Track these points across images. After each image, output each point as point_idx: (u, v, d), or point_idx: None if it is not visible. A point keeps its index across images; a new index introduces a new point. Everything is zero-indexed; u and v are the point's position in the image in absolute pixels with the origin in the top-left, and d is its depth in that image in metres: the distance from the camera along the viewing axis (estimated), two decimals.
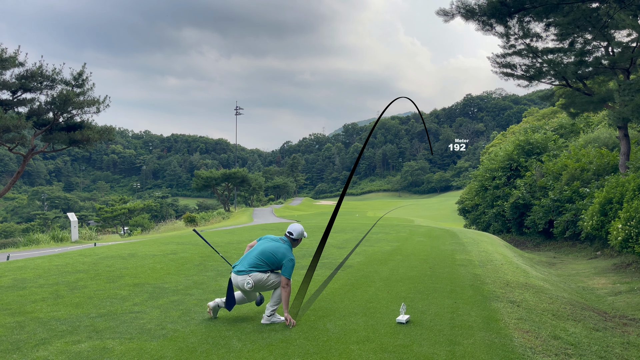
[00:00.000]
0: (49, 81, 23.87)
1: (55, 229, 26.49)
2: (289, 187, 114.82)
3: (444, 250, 12.07)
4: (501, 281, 8.23)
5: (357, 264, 9.69)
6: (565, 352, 4.86)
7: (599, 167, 19.76)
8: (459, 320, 5.59)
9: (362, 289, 7.19)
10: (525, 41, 18.49)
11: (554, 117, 53.25)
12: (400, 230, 17.42)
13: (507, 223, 25.81)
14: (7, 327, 5.20)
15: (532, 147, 27.41)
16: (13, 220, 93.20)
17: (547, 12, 12.83)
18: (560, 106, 28.40)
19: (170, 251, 11.55)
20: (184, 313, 5.80)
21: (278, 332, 5.08)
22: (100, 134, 25.81)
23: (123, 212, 62.09)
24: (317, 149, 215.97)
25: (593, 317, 7.07)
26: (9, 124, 21.61)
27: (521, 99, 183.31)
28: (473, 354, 4.48)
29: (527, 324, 5.63)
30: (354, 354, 4.43)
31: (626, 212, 12.54)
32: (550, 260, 15.84)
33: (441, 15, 13.29)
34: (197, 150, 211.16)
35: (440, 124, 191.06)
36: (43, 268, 9.08)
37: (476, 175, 31.44)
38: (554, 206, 20.25)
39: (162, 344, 4.64)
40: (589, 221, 15.42)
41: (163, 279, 7.99)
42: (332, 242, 13.55)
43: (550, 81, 20.80)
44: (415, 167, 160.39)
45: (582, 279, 11.78)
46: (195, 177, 69.79)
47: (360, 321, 5.48)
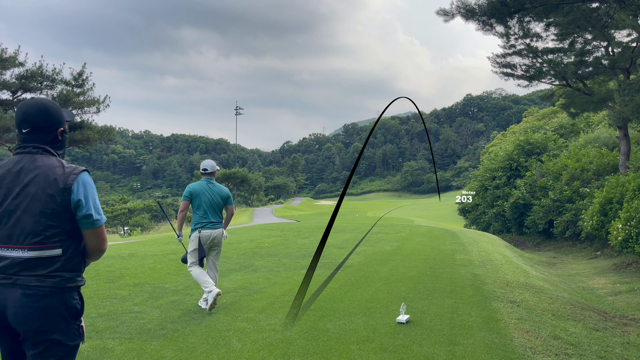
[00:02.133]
0: (49, 81, 23.85)
1: None
2: (289, 187, 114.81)
3: (444, 250, 12.07)
4: (501, 281, 8.23)
5: (357, 264, 9.69)
6: (565, 352, 4.86)
7: (599, 167, 19.76)
8: (459, 320, 5.59)
9: (362, 289, 7.19)
10: (525, 41, 18.49)
11: (554, 117, 53.24)
12: (400, 230, 17.43)
13: (507, 223, 25.80)
14: None
15: (532, 147, 27.41)
16: None
17: (547, 12, 12.84)
18: (560, 106, 28.41)
19: (170, 251, 11.55)
20: (184, 313, 5.80)
21: (278, 332, 5.08)
22: (100, 134, 25.79)
23: (123, 212, 62.11)
24: (317, 149, 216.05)
25: (593, 317, 7.07)
26: (9, 124, 21.60)
27: (521, 99, 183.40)
28: (473, 354, 4.48)
29: (527, 324, 5.63)
30: (354, 354, 4.43)
31: (626, 212, 12.54)
32: (550, 260, 15.84)
33: (441, 15, 13.29)
34: (197, 150, 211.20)
35: (440, 124, 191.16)
36: None
37: (476, 175, 31.45)
38: (554, 206, 20.25)
39: (162, 344, 4.64)
40: (589, 221, 15.42)
41: (163, 279, 7.99)
42: (332, 242, 13.55)
43: (550, 81, 20.81)
44: (415, 167, 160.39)
45: (582, 279, 11.78)
46: (195, 177, 69.81)
47: (360, 321, 5.48)
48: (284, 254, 11.31)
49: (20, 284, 2.18)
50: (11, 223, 2.22)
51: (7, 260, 2.21)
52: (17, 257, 2.20)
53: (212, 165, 6.28)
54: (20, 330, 2.21)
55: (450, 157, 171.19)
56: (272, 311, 5.91)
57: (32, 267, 2.20)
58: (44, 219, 2.22)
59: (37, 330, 2.19)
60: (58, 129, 2.40)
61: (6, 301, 2.19)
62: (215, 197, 6.09)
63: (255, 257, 10.67)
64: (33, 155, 2.31)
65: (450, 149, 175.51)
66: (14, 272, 2.20)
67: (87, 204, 2.28)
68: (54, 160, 2.32)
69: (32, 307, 2.17)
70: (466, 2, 13.08)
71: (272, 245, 13.11)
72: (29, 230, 2.20)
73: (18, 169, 2.26)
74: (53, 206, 2.22)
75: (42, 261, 2.21)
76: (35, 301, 2.18)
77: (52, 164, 2.29)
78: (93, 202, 2.31)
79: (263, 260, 10.28)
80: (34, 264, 2.20)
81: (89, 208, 2.28)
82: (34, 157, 2.30)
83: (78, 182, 2.27)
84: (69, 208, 2.25)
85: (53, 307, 2.21)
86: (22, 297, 2.17)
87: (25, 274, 2.19)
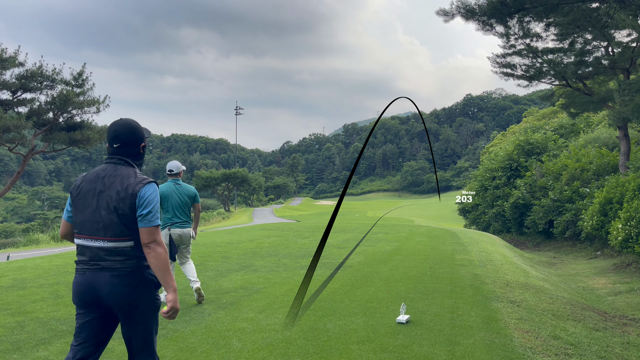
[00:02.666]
0: (49, 81, 23.85)
1: (55, 229, 26.50)
2: (289, 187, 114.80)
3: (444, 250, 12.07)
4: (501, 281, 8.23)
5: (357, 264, 9.69)
6: (565, 352, 4.86)
7: (599, 167, 19.75)
8: (459, 320, 5.59)
9: (362, 289, 7.19)
10: (525, 41, 18.49)
11: (554, 117, 53.23)
12: (400, 230, 17.42)
13: (507, 223, 25.80)
14: (7, 327, 5.20)
15: (532, 147, 27.41)
16: (13, 220, 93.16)
17: (547, 12, 12.83)
18: (560, 106, 28.41)
19: None
20: (184, 313, 5.80)
21: (278, 332, 5.08)
22: (100, 133, 25.79)
23: None
24: (317, 149, 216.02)
25: (593, 317, 7.06)
26: (9, 124, 21.60)
27: (521, 99, 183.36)
28: (473, 354, 4.48)
29: (527, 324, 5.63)
30: (354, 354, 4.43)
31: (626, 212, 12.54)
32: (550, 260, 15.84)
33: (441, 15, 13.30)
34: (197, 150, 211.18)
35: (440, 124, 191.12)
36: (43, 268, 9.07)
37: (476, 175, 31.44)
38: (554, 206, 20.25)
39: (162, 344, 4.64)
40: (589, 221, 15.41)
41: None
42: (332, 242, 13.55)
43: (550, 81, 20.80)
44: (415, 167, 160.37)
45: (582, 279, 11.78)
46: (196, 177, 69.79)
47: (360, 321, 5.48)
48: (284, 254, 11.31)
49: (107, 268, 2.73)
50: (95, 219, 2.77)
51: (94, 249, 2.76)
52: (101, 246, 2.75)
53: (178, 166, 6.47)
54: (112, 304, 2.75)
55: (450, 157, 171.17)
56: (272, 311, 5.91)
57: (113, 254, 2.75)
58: (117, 217, 2.75)
59: (128, 302, 2.74)
60: (140, 144, 2.99)
61: (98, 283, 2.73)
62: (183, 197, 6.34)
63: (255, 257, 10.67)
64: (116, 165, 2.88)
65: (450, 149, 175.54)
66: (100, 259, 2.75)
67: (145, 207, 2.77)
68: (130, 171, 2.87)
69: (121, 284, 2.72)
70: (466, 2, 13.08)
71: (272, 245, 13.11)
72: (107, 225, 2.74)
73: (103, 175, 2.84)
74: (123, 207, 2.75)
75: (119, 250, 2.75)
76: (122, 279, 2.73)
77: (128, 173, 2.84)
78: (149, 206, 2.79)
79: (263, 260, 10.28)
80: (114, 252, 2.75)
81: (144, 209, 2.77)
82: (117, 167, 2.87)
83: (143, 190, 2.80)
84: (134, 209, 2.77)
85: (137, 282, 2.77)
86: (111, 278, 2.72)
87: (109, 260, 2.74)
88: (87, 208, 2.80)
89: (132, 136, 2.92)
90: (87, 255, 2.79)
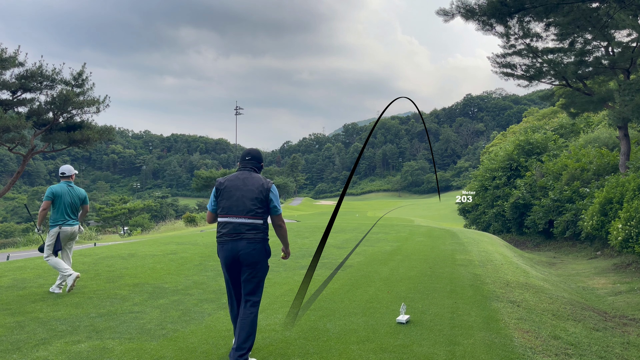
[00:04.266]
0: (48, 81, 23.81)
1: None
2: (289, 187, 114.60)
3: (444, 250, 12.07)
4: (501, 281, 8.22)
5: (357, 264, 9.69)
6: (565, 352, 4.86)
7: (599, 167, 19.75)
8: (459, 320, 5.58)
9: (362, 289, 7.19)
10: (525, 41, 18.49)
11: (554, 117, 53.22)
12: (400, 230, 17.42)
13: (507, 223, 25.80)
14: (7, 327, 5.20)
15: (532, 147, 27.40)
16: (13, 220, 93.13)
17: (547, 12, 12.82)
18: (560, 106, 28.41)
19: (170, 251, 11.55)
20: (184, 313, 5.80)
21: (278, 332, 5.08)
22: (100, 134, 25.77)
23: (123, 212, 62.02)
24: (317, 149, 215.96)
25: (593, 317, 7.06)
26: (9, 124, 21.58)
27: (521, 99, 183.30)
28: (473, 354, 4.48)
29: (527, 324, 5.63)
30: (354, 354, 4.43)
31: (626, 212, 12.54)
32: (550, 260, 15.84)
33: (441, 15, 13.29)
34: (197, 150, 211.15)
35: (440, 124, 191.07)
36: (43, 268, 9.07)
37: (476, 175, 31.43)
38: (554, 206, 20.24)
39: (162, 344, 4.64)
40: (589, 221, 15.41)
41: (163, 279, 7.98)
42: (332, 242, 13.55)
43: (550, 81, 20.80)
44: (415, 167, 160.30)
45: (582, 279, 11.78)
46: (195, 177, 69.70)
47: (360, 321, 5.48)
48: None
49: (245, 238, 4.17)
50: (241, 205, 4.21)
51: (236, 224, 4.19)
52: (243, 222, 4.19)
53: (70, 169, 7.24)
54: (244, 263, 4.18)
55: (450, 157, 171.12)
56: (272, 311, 5.91)
57: (250, 229, 4.19)
58: (255, 203, 4.21)
59: (254, 261, 4.19)
60: (261, 162, 4.56)
61: (238, 248, 4.16)
62: (75, 199, 7.06)
63: None
64: (249, 171, 4.40)
65: (450, 149, 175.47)
66: (240, 232, 4.18)
67: (275, 200, 4.31)
68: (260, 176, 4.41)
69: (253, 249, 4.18)
70: (466, 2, 13.08)
71: (272, 245, 13.08)
72: (248, 209, 4.20)
73: (244, 177, 4.33)
74: (260, 197, 4.23)
75: (254, 225, 4.20)
76: (254, 246, 4.19)
77: (260, 177, 4.38)
78: (276, 200, 4.31)
79: None
80: (251, 227, 4.19)
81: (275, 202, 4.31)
82: (250, 173, 4.39)
83: (272, 187, 4.33)
84: (266, 200, 4.27)
85: (261, 249, 4.24)
86: (247, 244, 4.16)
87: (247, 232, 4.18)
88: (232, 197, 4.22)
89: (258, 155, 4.54)
90: (229, 228, 4.18)
